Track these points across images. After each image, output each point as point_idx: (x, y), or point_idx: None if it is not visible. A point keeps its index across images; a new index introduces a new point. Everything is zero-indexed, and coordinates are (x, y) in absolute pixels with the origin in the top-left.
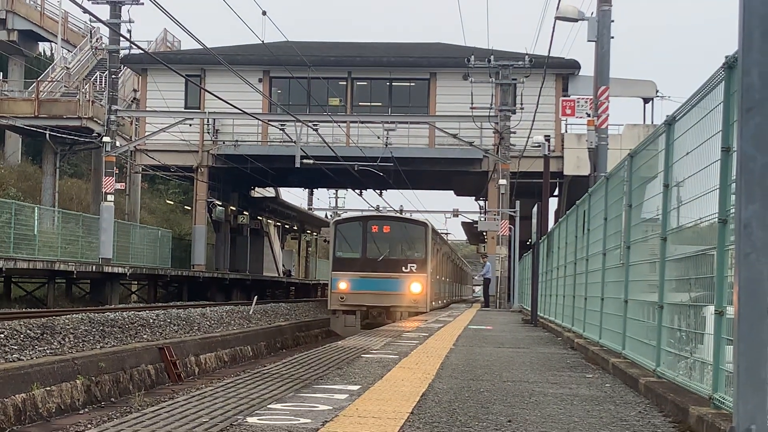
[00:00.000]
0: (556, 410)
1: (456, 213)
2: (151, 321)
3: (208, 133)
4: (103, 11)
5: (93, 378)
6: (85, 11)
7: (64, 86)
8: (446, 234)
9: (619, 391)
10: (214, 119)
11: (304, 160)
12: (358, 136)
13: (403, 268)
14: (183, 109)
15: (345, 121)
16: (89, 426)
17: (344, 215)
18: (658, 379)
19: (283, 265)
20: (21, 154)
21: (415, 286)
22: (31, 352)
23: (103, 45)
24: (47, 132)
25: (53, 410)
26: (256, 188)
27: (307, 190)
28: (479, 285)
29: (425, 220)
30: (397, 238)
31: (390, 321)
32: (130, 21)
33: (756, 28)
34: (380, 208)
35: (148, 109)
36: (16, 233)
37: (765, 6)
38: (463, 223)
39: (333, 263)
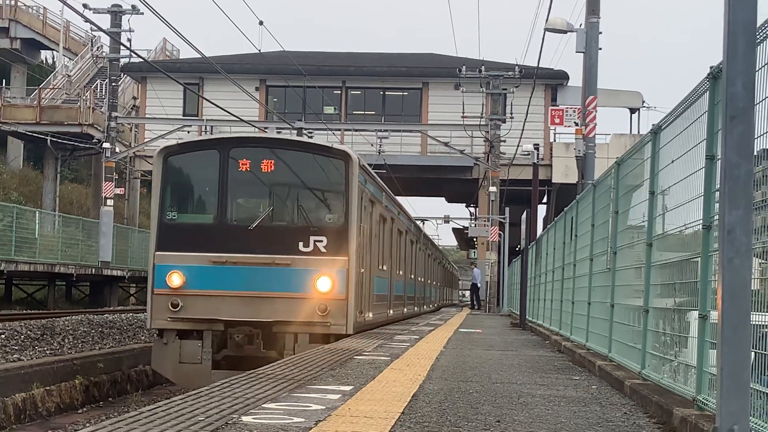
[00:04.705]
0: (543, 411)
1: (447, 219)
2: None
3: None
4: (104, 20)
5: (91, 378)
6: (87, 20)
7: (66, 93)
8: (423, 228)
9: (605, 392)
10: (212, 126)
11: None
12: (351, 144)
13: (301, 245)
14: (181, 117)
15: (339, 129)
16: (87, 425)
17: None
18: (643, 382)
19: None
20: (23, 159)
21: (323, 281)
22: (31, 353)
23: (104, 53)
24: (48, 138)
25: (52, 409)
26: None
27: None
28: (467, 290)
29: (347, 150)
30: (288, 185)
31: (272, 353)
32: (130, 30)
33: (741, 36)
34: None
35: (147, 116)
36: (18, 236)
37: (750, 15)
38: (454, 229)
39: (158, 234)
